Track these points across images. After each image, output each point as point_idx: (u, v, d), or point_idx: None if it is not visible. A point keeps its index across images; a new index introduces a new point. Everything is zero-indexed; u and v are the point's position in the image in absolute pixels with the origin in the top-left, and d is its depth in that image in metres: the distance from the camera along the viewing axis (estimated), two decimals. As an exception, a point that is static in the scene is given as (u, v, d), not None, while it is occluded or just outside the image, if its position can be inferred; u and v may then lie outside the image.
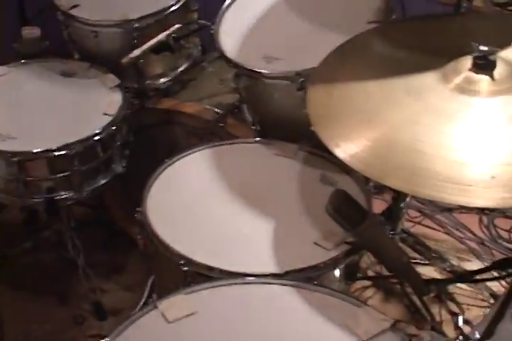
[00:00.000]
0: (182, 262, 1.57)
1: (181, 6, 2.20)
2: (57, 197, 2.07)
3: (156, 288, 1.88)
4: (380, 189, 2.26)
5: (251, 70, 1.89)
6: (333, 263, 1.57)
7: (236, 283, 1.48)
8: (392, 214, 2.11)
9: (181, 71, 2.34)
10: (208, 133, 2.19)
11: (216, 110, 2.20)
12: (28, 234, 2.58)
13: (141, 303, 2.39)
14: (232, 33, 2.01)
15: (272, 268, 1.55)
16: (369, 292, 2.38)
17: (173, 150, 2.28)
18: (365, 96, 1.53)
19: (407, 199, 2.09)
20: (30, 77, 2.24)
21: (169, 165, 1.85)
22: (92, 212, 2.71)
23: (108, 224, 2.63)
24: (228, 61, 1.95)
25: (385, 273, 2.27)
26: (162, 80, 2.31)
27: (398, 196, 2.07)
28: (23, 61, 2.30)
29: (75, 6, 2.20)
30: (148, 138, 2.31)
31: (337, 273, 1.62)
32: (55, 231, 2.47)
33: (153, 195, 1.76)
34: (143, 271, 2.50)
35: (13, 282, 2.50)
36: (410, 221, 2.57)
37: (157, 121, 2.30)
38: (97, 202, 2.56)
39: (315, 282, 1.50)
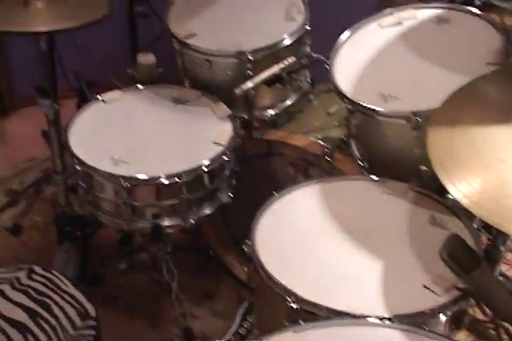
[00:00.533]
0: (289, 298, 1.56)
1: (295, 39, 2.21)
2: (163, 224, 2.09)
3: (255, 322, 1.87)
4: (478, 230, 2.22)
5: (367, 108, 1.87)
6: (442, 309, 1.54)
7: (346, 324, 1.45)
8: (489, 256, 2.06)
9: (290, 103, 2.34)
10: (311, 166, 2.19)
11: (322, 143, 2.19)
12: (123, 255, 2.62)
13: (231, 332, 2.40)
14: (347, 69, 1.99)
15: (379, 310, 1.52)
16: (462, 335, 2.32)
17: (274, 181, 2.30)
18: (487, 141, 1.50)
19: (508, 242, 2.04)
20: (143, 102, 2.27)
21: (278, 198, 1.84)
22: (187, 237, 2.73)
23: (202, 250, 2.65)
24: (343, 97, 1.93)
25: (480, 317, 2.22)
26: (270, 112, 2.31)
27: (497, 238, 2.02)
28: (137, 86, 2.33)
29: (191, 35, 2.23)
30: (250, 169, 2.31)
31: (443, 318, 1.58)
32: (150, 254, 2.50)
33: (262, 228, 1.74)
34: (234, 298, 2.53)
35: (106, 301, 2.55)
36: (506, 263, 2.51)
37: (262, 151, 2.31)
38: (193, 227, 2.58)
39: (424, 326, 1.47)
